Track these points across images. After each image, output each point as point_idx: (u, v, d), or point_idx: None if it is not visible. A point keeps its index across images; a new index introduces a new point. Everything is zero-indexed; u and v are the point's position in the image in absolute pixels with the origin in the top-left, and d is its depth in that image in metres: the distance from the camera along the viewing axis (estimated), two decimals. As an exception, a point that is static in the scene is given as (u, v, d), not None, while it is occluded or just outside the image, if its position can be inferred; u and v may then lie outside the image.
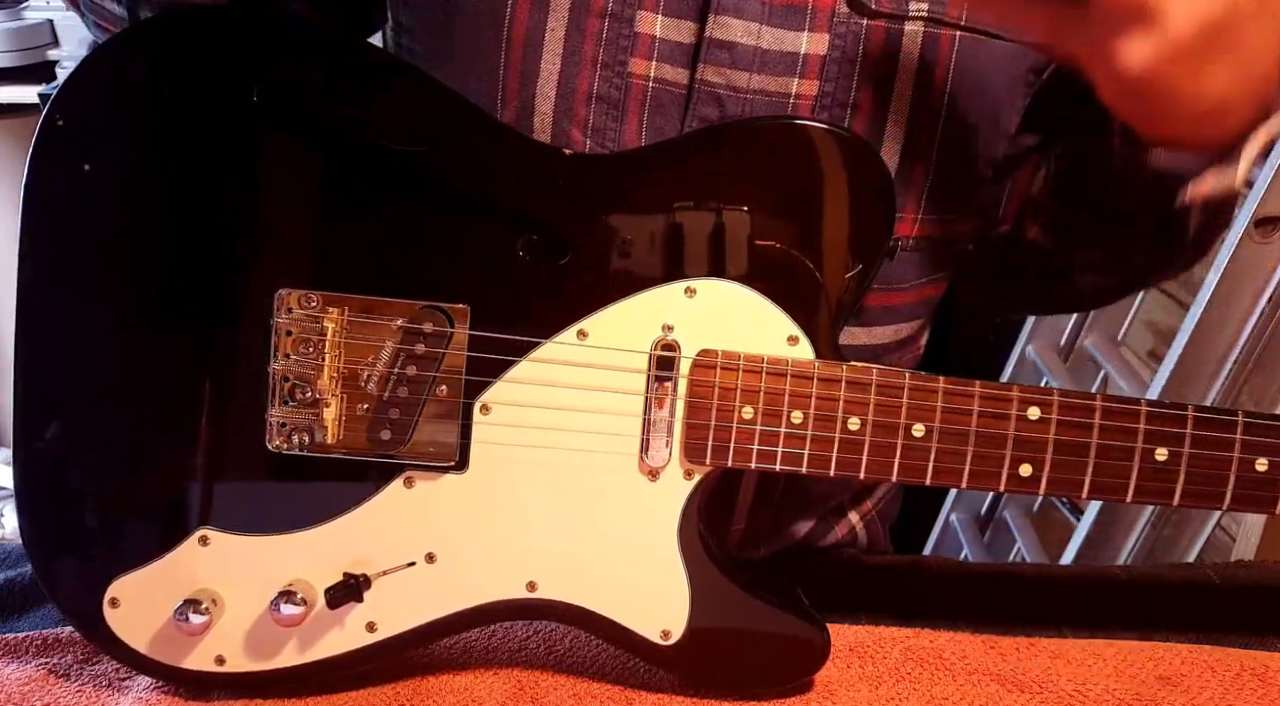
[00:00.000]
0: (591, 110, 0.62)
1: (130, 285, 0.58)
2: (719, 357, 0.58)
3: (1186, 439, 0.58)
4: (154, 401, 0.58)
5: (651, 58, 0.61)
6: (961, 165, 0.67)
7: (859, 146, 0.58)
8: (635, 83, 0.61)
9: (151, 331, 0.58)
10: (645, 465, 0.59)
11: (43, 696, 0.61)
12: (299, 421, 0.58)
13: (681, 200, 0.58)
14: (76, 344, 0.58)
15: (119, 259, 0.57)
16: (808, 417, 0.58)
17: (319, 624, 0.60)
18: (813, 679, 0.63)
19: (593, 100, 0.61)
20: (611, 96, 0.61)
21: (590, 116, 0.62)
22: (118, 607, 0.59)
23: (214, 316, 0.58)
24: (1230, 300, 1.03)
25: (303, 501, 0.59)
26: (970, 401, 0.58)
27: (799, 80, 0.62)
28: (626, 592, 0.60)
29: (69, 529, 0.59)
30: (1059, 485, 0.59)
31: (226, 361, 0.58)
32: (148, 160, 0.57)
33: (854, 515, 0.84)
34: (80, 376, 0.58)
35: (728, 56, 0.61)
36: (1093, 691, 0.64)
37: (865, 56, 0.62)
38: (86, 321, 0.58)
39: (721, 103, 0.62)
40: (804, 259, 0.58)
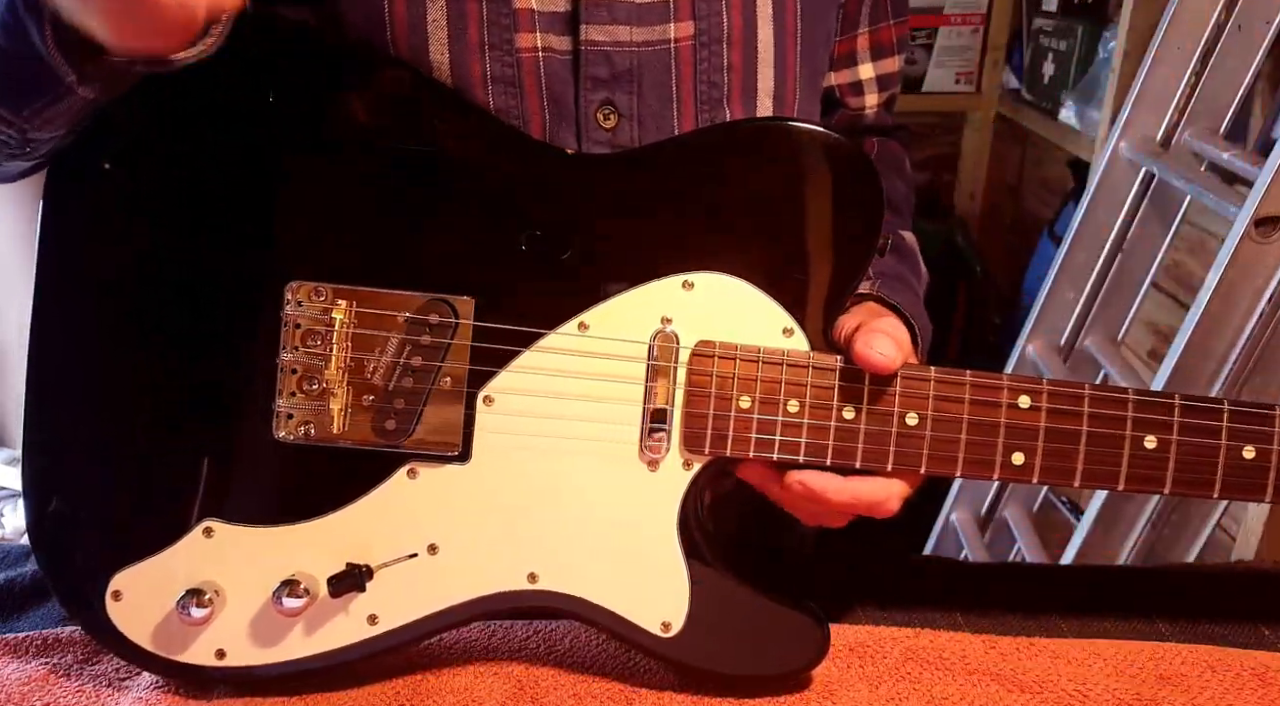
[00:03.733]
0: (490, 93, 0.63)
1: (143, 278, 0.59)
2: (716, 348, 0.59)
3: (1174, 426, 0.60)
4: (162, 393, 0.60)
5: (534, 30, 0.63)
6: (815, 71, 0.73)
7: (849, 149, 0.61)
8: (525, 57, 0.63)
9: (162, 324, 0.60)
10: (645, 455, 0.60)
11: (43, 696, 0.61)
12: (305, 412, 0.60)
13: (680, 197, 0.60)
14: (87, 335, 0.60)
15: (132, 251, 0.59)
16: (803, 407, 0.59)
17: (320, 615, 0.60)
18: (813, 678, 0.63)
19: (489, 82, 0.63)
20: (506, 75, 0.63)
21: (490, 99, 0.63)
22: (120, 600, 0.60)
23: (224, 309, 0.60)
24: (1230, 300, 1.04)
25: (307, 492, 0.60)
26: (962, 390, 0.59)
27: (675, 25, 0.65)
28: (626, 584, 0.61)
29: (75, 521, 0.60)
30: (1051, 473, 0.60)
31: (235, 353, 0.60)
32: (165, 158, 0.59)
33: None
34: (90, 368, 0.60)
35: (606, 14, 0.63)
36: (1093, 691, 0.64)
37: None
38: (98, 313, 0.59)
39: (610, 59, 0.64)
40: (798, 254, 0.60)
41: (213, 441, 0.60)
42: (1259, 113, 1.56)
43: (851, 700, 0.62)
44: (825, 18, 0.73)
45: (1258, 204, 1.04)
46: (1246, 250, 1.04)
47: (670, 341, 0.60)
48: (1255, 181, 1.09)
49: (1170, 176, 1.32)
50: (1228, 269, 1.05)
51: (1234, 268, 1.05)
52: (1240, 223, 1.05)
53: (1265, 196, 1.04)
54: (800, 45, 0.70)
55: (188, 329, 0.60)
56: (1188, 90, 1.34)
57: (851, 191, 0.60)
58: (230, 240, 0.59)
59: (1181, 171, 1.30)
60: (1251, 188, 1.09)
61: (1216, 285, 1.05)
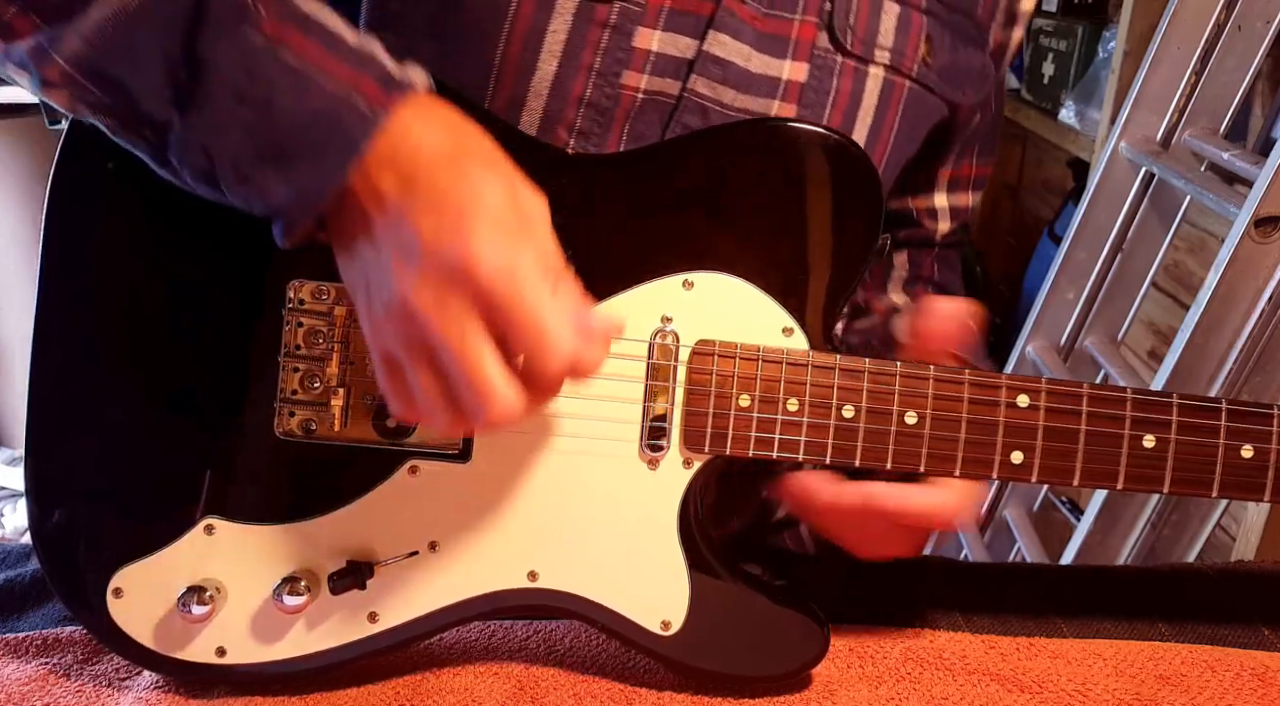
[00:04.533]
0: (581, 114, 0.64)
1: (145, 276, 0.60)
2: (716, 347, 0.60)
3: (1173, 426, 0.60)
4: (164, 391, 0.60)
5: (644, 72, 0.64)
6: (887, 188, 0.75)
7: (849, 148, 0.61)
8: (625, 93, 0.64)
9: (164, 322, 0.60)
10: (645, 454, 0.60)
11: (43, 696, 0.61)
12: (307, 410, 0.60)
13: (680, 197, 0.60)
14: (90, 333, 0.60)
15: (135, 249, 0.59)
16: (803, 405, 0.59)
17: (321, 613, 0.60)
18: (813, 678, 0.63)
19: (583, 105, 0.64)
20: (602, 104, 0.64)
21: (579, 120, 0.64)
22: (121, 597, 0.60)
23: (227, 307, 0.60)
24: (1230, 300, 1.05)
25: (308, 490, 0.60)
26: (960, 388, 0.60)
27: (779, 103, 0.67)
28: (627, 582, 0.61)
29: (76, 519, 0.60)
30: (1050, 472, 0.60)
31: (237, 351, 0.60)
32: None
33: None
34: (92, 366, 0.60)
35: (720, 72, 0.65)
36: (1093, 691, 0.64)
37: (838, 90, 0.68)
38: (101, 311, 0.60)
39: (706, 114, 0.65)
40: (798, 253, 0.61)
41: (214, 439, 0.60)
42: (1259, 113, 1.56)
43: (851, 700, 0.62)
44: (916, 140, 0.74)
45: (1258, 204, 1.04)
46: (1246, 250, 1.04)
47: (670, 340, 0.60)
48: (1255, 181, 1.09)
49: (1170, 176, 1.33)
50: (1228, 269, 1.05)
51: (1234, 268, 1.05)
52: (1240, 223, 1.05)
53: (1265, 196, 1.04)
54: (887, 157, 0.72)
55: (190, 327, 0.60)
56: (1188, 90, 1.34)
57: (852, 191, 0.61)
58: (233, 238, 0.59)
59: (1181, 171, 1.30)
60: (1251, 188, 1.09)
61: (1216, 285, 1.06)
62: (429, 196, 0.49)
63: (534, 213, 0.52)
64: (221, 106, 0.50)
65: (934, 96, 0.72)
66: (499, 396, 0.49)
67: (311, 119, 0.49)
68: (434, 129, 0.51)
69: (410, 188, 0.49)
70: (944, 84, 0.72)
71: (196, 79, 0.49)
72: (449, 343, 0.49)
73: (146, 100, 0.50)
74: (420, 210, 0.49)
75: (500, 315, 0.49)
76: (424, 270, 0.48)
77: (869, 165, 0.61)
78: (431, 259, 0.48)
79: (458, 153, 0.50)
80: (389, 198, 0.50)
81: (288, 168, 0.50)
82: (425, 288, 0.48)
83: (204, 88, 0.49)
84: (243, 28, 0.49)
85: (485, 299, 0.48)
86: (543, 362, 0.50)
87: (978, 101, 0.77)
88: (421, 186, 0.49)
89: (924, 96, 0.72)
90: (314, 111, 0.49)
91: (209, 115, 0.50)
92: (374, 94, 0.50)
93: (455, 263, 0.48)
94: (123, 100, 0.51)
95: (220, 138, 0.50)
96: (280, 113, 0.49)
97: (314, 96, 0.50)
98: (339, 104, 0.50)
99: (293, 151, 0.50)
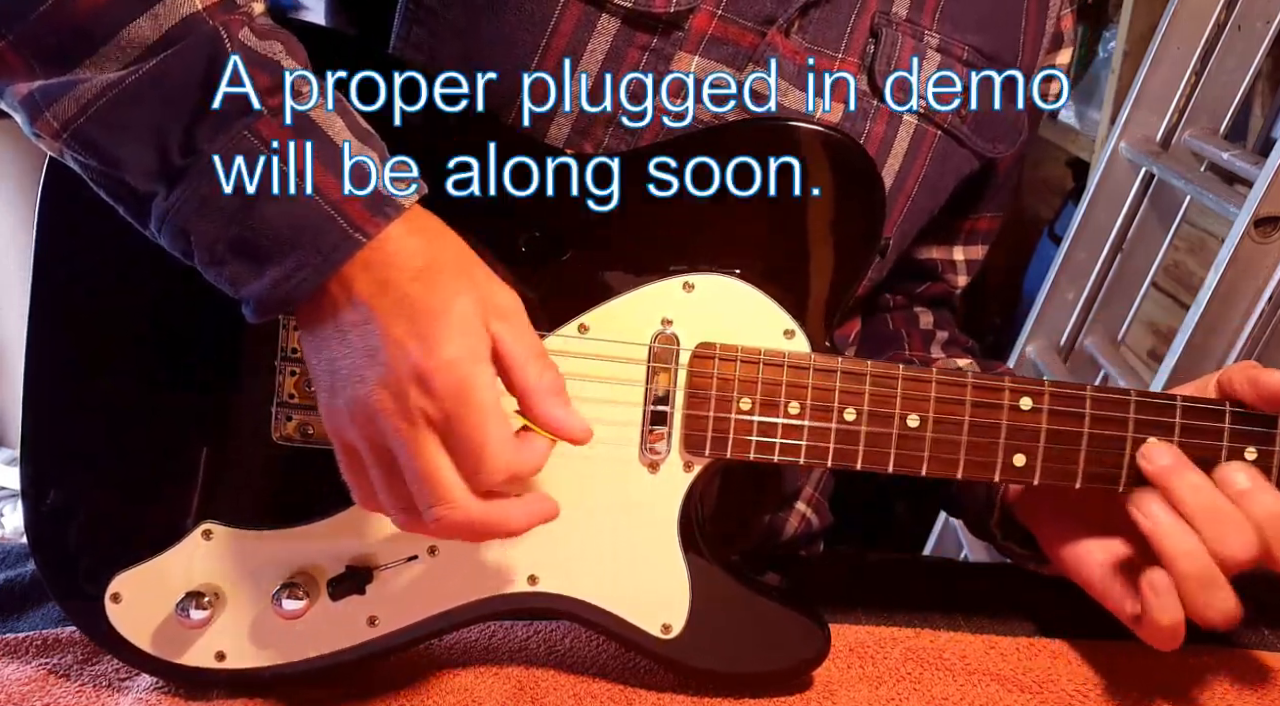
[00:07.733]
0: (609, 133, 0.64)
1: (141, 278, 0.59)
2: (717, 350, 0.59)
3: (1176, 428, 0.60)
4: (161, 395, 0.60)
5: (678, 97, 0.64)
6: (905, 234, 0.76)
7: (852, 148, 0.60)
8: (656, 117, 0.64)
9: (160, 325, 0.59)
10: (645, 457, 0.60)
11: (43, 696, 0.61)
12: (304, 414, 0.59)
13: (680, 198, 0.60)
14: (85, 336, 0.59)
15: (130, 251, 0.59)
16: (804, 408, 0.59)
17: (320, 618, 0.60)
18: (813, 678, 0.63)
19: (612, 124, 0.64)
20: (631, 126, 0.64)
21: (606, 138, 0.64)
22: (119, 603, 0.60)
23: (223, 311, 0.59)
24: (1230, 300, 1.04)
25: (306, 494, 0.60)
26: (963, 391, 0.59)
27: None
28: (627, 586, 0.60)
29: (74, 523, 0.60)
30: (1053, 474, 0.60)
31: (234, 355, 0.60)
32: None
33: (800, 505, 0.86)
34: (88, 369, 0.59)
35: (753, 105, 0.65)
36: (1093, 691, 0.64)
37: (869, 134, 0.69)
38: (96, 314, 0.59)
39: None
40: (799, 255, 0.60)
41: (212, 443, 0.60)
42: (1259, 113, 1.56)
43: (852, 700, 0.62)
44: (942, 191, 0.75)
45: (1258, 204, 1.04)
46: (1246, 250, 1.04)
47: (671, 343, 0.59)
48: (1255, 181, 1.09)
49: (1170, 176, 1.32)
50: (1228, 269, 1.05)
51: (1234, 268, 1.05)
52: (1240, 223, 1.05)
53: (1265, 196, 1.04)
54: (908, 207, 0.72)
55: (186, 330, 0.59)
56: (1188, 90, 1.34)
57: (853, 190, 0.60)
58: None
59: (1181, 171, 1.30)
60: (1251, 188, 1.09)
61: (1216, 285, 1.05)
62: (400, 303, 0.50)
63: (509, 308, 0.53)
64: (208, 194, 0.50)
65: (964, 148, 0.73)
66: (452, 502, 0.50)
67: (293, 230, 0.50)
68: (413, 240, 0.51)
69: (383, 292, 0.50)
70: (975, 136, 0.73)
71: (188, 164, 0.50)
72: (405, 446, 0.50)
73: (134, 173, 0.50)
74: (390, 315, 0.50)
75: (447, 426, 0.50)
76: (387, 374, 0.49)
77: (870, 164, 0.61)
78: (396, 364, 0.49)
79: (432, 264, 0.51)
80: (361, 299, 0.50)
81: (264, 264, 0.50)
82: (387, 390, 0.49)
83: (194, 171, 0.50)
84: (243, 125, 0.50)
85: (439, 407, 0.49)
86: (475, 481, 0.51)
87: (1012, 155, 0.77)
88: (393, 293, 0.50)
89: (954, 148, 0.72)
90: (297, 223, 0.50)
91: (194, 200, 0.50)
92: (359, 216, 0.50)
93: (416, 370, 0.49)
94: (110, 168, 0.51)
95: (201, 222, 0.50)
96: (264, 215, 0.50)
97: (299, 207, 0.50)
98: (324, 219, 0.50)
99: (272, 252, 0.50)
